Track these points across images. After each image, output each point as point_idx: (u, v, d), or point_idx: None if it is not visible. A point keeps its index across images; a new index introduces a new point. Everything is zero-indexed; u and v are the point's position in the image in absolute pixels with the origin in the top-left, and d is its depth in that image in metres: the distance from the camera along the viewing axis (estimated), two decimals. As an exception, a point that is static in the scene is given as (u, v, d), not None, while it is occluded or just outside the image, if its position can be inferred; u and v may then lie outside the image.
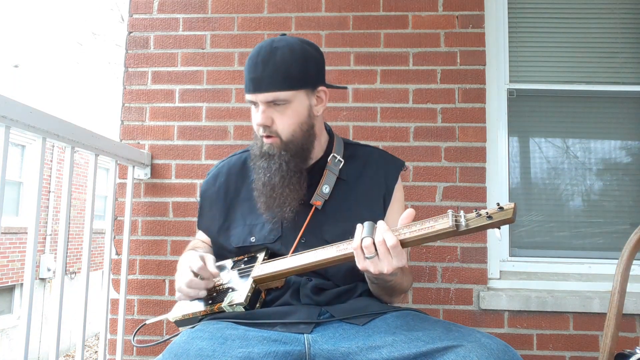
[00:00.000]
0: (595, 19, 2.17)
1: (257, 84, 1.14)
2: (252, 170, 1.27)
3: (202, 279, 1.11)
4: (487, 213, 0.91)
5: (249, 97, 1.16)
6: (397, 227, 0.99)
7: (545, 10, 2.17)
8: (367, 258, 0.96)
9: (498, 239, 0.97)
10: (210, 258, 1.13)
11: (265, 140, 1.18)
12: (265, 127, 1.15)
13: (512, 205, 0.90)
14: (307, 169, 1.22)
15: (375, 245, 0.95)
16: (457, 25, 2.03)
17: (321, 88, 1.21)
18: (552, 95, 2.13)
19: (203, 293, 1.11)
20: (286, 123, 1.16)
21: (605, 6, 2.17)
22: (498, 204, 0.92)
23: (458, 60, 2.01)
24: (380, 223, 0.98)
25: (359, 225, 1.00)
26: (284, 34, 1.21)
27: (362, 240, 0.96)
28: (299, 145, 1.18)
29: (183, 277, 1.11)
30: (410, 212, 1.00)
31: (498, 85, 2.07)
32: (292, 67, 1.13)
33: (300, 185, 1.18)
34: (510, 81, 2.10)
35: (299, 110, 1.17)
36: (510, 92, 2.08)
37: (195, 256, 1.12)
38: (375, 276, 1.02)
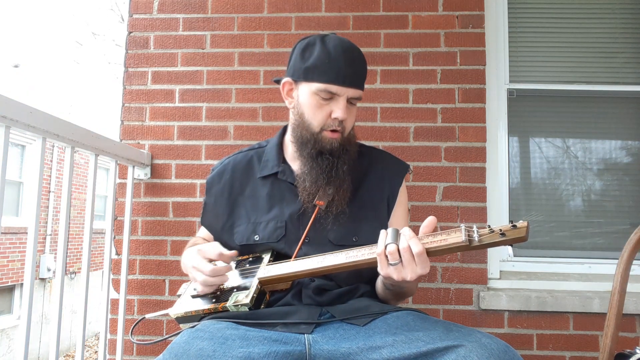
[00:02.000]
0: (595, 19, 2.17)
1: (354, 79, 1.16)
2: (259, 169, 1.28)
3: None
4: (500, 230, 0.89)
5: (334, 88, 1.15)
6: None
7: (545, 10, 2.17)
8: (390, 265, 0.95)
9: (510, 256, 0.96)
10: (219, 244, 1.14)
11: (329, 134, 1.18)
12: (341, 121, 1.17)
13: (525, 223, 0.89)
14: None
15: (399, 252, 0.94)
16: (457, 25, 2.03)
17: None
18: (552, 95, 2.13)
19: (226, 278, 1.11)
20: (352, 120, 1.23)
21: (605, 6, 2.17)
22: (511, 222, 0.90)
23: (458, 60, 2.01)
24: (405, 229, 0.97)
25: (382, 231, 0.98)
26: (334, 34, 1.22)
27: (386, 246, 0.95)
28: (352, 141, 1.23)
29: (203, 268, 1.09)
30: (432, 220, 0.98)
31: (498, 85, 2.07)
32: (366, 68, 1.22)
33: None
34: (510, 81, 2.10)
35: (357, 109, 1.25)
36: (510, 92, 2.08)
37: (206, 247, 1.12)
38: (395, 283, 1.01)
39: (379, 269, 0.97)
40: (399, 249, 0.94)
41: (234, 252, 1.12)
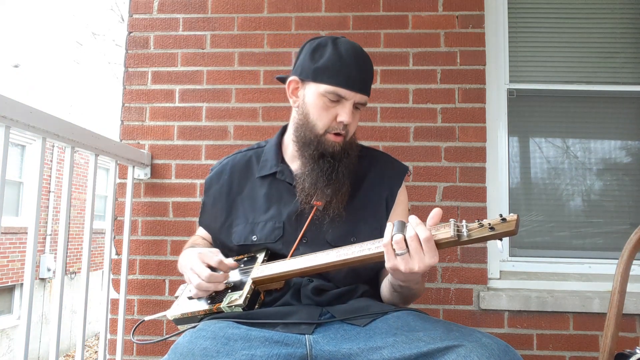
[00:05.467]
0: (595, 19, 2.17)
1: (363, 84, 1.18)
2: (258, 169, 1.29)
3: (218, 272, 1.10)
4: (489, 224, 0.89)
5: (344, 92, 1.15)
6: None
7: (545, 10, 2.17)
8: (397, 255, 0.93)
9: (500, 251, 0.94)
10: (219, 252, 1.13)
11: (333, 137, 1.18)
12: (346, 125, 1.18)
13: (515, 217, 0.88)
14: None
15: (406, 241, 0.93)
16: (457, 25, 2.03)
17: None
18: (552, 95, 2.13)
19: (222, 286, 1.10)
20: (355, 124, 1.23)
21: (605, 6, 2.17)
22: (501, 215, 0.90)
23: (458, 60, 2.01)
24: (412, 217, 0.95)
25: (389, 224, 0.97)
26: (344, 37, 1.24)
27: (392, 236, 0.93)
28: (354, 145, 1.25)
29: (200, 272, 1.08)
30: (437, 211, 0.96)
31: (498, 85, 2.07)
32: (373, 74, 1.25)
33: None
34: (510, 81, 2.10)
35: (360, 114, 1.25)
36: (510, 92, 2.08)
37: (206, 251, 1.11)
38: (404, 278, 0.98)
39: (385, 263, 0.95)
40: (405, 238, 0.93)
41: (234, 263, 1.12)
